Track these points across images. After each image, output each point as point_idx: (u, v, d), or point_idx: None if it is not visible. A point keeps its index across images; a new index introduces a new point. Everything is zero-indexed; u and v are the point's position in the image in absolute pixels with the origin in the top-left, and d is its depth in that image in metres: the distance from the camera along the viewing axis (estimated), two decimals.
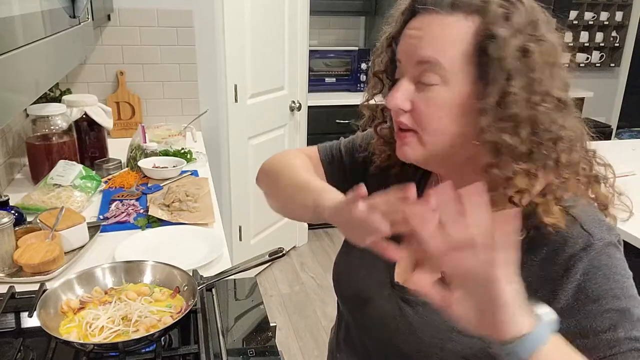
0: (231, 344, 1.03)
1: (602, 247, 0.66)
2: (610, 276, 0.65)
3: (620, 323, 0.63)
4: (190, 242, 1.45)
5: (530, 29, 0.65)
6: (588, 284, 0.65)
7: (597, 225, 0.68)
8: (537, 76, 0.64)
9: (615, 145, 2.82)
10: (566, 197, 0.69)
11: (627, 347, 0.63)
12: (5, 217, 1.25)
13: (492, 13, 0.65)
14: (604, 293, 0.64)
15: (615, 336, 0.63)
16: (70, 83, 2.39)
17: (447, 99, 0.67)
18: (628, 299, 0.65)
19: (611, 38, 4.53)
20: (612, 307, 0.64)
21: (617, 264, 0.67)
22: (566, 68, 0.69)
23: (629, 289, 0.66)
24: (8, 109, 0.69)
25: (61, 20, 1.03)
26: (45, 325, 0.92)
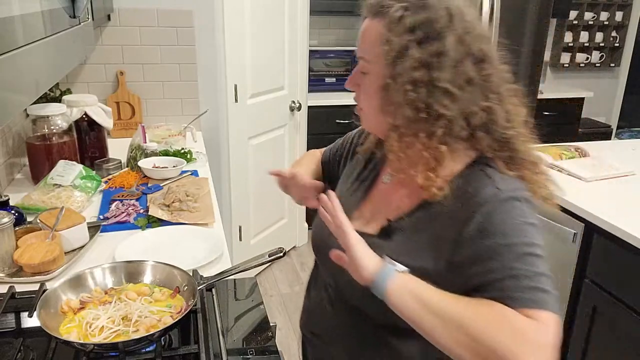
0: (231, 344, 1.03)
1: (506, 198, 0.80)
2: (507, 220, 0.78)
3: (504, 254, 0.76)
4: (190, 242, 1.45)
5: (423, 29, 0.80)
6: (486, 225, 0.79)
7: (506, 184, 0.82)
8: (413, 68, 0.80)
9: (615, 145, 2.82)
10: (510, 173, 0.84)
11: (504, 274, 0.75)
12: (6, 217, 1.25)
13: (390, 16, 0.82)
14: (497, 232, 0.78)
15: (494, 265, 0.76)
16: (71, 83, 2.39)
17: (370, 85, 0.87)
18: (518, 238, 0.77)
19: (611, 38, 4.53)
20: (502, 242, 0.77)
21: (517, 212, 0.79)
22: (461, 60, 0.81)
23: (525, 233, 0.78)
24: (8, 109, 0.70)
25: (61, 20, 1.03)
26: (45, 325, 0.92)
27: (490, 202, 0.80)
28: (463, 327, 0.72)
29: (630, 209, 1.75)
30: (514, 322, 0.72)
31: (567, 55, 4.50)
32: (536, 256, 0.77)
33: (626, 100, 4.80)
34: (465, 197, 0.82)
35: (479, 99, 0.83)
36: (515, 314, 0.73)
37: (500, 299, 0.74)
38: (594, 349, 1.79)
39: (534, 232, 0.79)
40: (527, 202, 0.82)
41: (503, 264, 0.76)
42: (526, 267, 0.75)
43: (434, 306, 0.75)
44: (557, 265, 1.92)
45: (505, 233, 0.77)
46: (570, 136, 3.90)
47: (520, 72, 3.51)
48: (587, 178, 1.99)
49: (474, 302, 0.76)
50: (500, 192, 0.80)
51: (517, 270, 0.75)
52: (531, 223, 0.80)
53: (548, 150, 2.25)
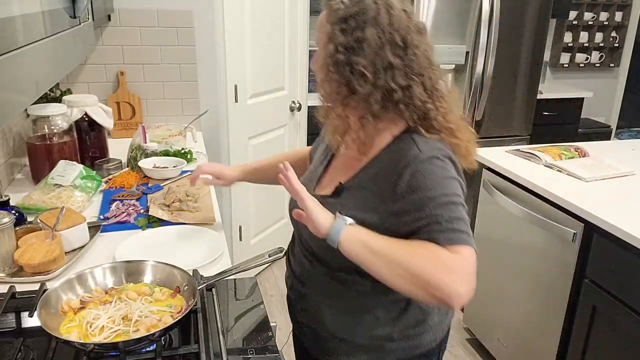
0: (231, 343, 1.03)
1: (428, 157, 0.97)
2: (427, 176, 0.95)
3: (428, 204, 0.93)
4: (190, 242, 1.45)
5: (352, 20, 0.97)
6: (412, 182, 0.95)
7: (427, 146, 0.99)
8: (337, 51, 0.98)
9: (615, 145, 2.82)
10: (429, 137, 1.01)
11: (429, 220, 0.92)
12: (6, 217, 1.26)
13: (330, 8, 1.00)
14: (421, 187, 0.94)
15: (421, 214, 0.93)
16: (71, 83, 2.39)
17: (317, 64, 1.04)
18: (439, 190, 0.94)
19: (611, 38, 4.53)
20: (425, 195, 0.93)
21: (436, 169, 0.96)
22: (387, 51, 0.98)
23: (444, 185, 0.95)
24: (8, 109, 0.70)
25: (61, 20, 1.03)
26: (45, 325, 0.92)
27: (414, 162, 0.96)
28: (403, 265, 0.90)
29: (630, 209, 1.76)
30: (441, 256, 0.89)
31: (566, 55, 4.50)
32: (454, 204, 0.94)
33: (626, 100, 4.80)
34: (395, 160, 0.99)
35: (401, 80, 0.98)
36: (442, 250, 0.90)
37: (430, 240, 0.91)
38: (594, 349, 1.79)
39: (453, 184, 0.96)
40: (447, 158, 0.99)
41: (428, 213, 0.93)
42: (447, 214, 0.92)
43: (378, 251, 0.92)
44: (557, 265, 1.92)
45: (428, 187, 0.94)
46: (570, 136, 3.90)
47: (520, 72, 3.52)
48: (587, 178, 1.99)
49: (410, 243, 0.93)
50: (422, 153, 0.97)
51: (440, 217, 0.92)
52: (450, 176, 0.97)
53: (548, 150, 2.25)
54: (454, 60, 3.35)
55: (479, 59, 3.33)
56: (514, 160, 2.23)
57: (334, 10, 0.99)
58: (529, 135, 3.68)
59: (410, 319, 1.09)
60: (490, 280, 2.35)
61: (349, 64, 0.98)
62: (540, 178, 2.01)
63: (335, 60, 0.98)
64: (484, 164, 2.31)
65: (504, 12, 3.27)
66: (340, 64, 0.98)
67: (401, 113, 1.01)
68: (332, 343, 1.15)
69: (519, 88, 3.55)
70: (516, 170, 2.09)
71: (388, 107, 1.00)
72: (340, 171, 1.11)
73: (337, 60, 0.98)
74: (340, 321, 1.13)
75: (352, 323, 1.11)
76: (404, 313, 1.09)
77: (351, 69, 0.98)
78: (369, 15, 0.97)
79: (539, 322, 2.03)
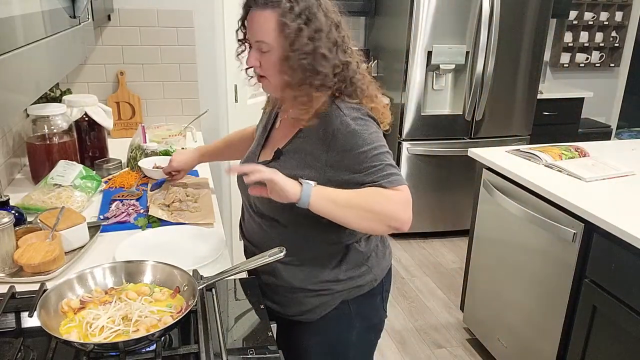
0: (231, 344, 1.03)
1: (352, 119, 1.16)
2: (356, 135, 1.15)
3: (364, 159, 1.14)
4: (190, 242, 1.45)
5: (305, 14, 1.11)
6: (345, 142, 1.15)
7: (350, 110, 1.18)
8: (305, 42, 1.12)
9: (615, 145, 2.82)
10: (352, 103, 1.19)
11: (368, 171, 1.14)
12: (6, 217, 1.26)
13: (283, 7, 1.11)
14: (354, 146, 1.14)
15: (361, 167, 1.14)
16: (71, 83, 2.39)
17: (273, 59, 1.16)
18: (368, 145, 1.14)
19: (611, 38, 4.53)
20: (360, 151, 1.14)
21: (361, 127, 1.16)
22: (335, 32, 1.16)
23: (371, 140, 1.15)
24: (8, 109, 0.70)
25: (61, 20, 1.03)
26: (45, 325, 0.92)
27: (342, 125, 1.15)
28: (362, 207, 1.13)
29: (630, 209, 1.76)
30: (388, 195, 1.13)
31: (567, 55, 4.50)
32: (383, 153, 1.15)
33: (626, 100, 4.80)
34: (325, 123, 1.17)
35: (342, 56, 1.17)
36: (388, 190, 1.13)
37: (375, 186, 1.13)
38: (594, 349, 1.79)
39: (378, 136, 1.17)
40: (367, 116, 1.19)
41: (367, 166, 1.14)
42: (379, 163, 1.14)
43: (341, 202, 1.12)
44: (557, 265, 1.92)
45: (359, 145, 1.14)
46: (570, 136, 3.90)
47: (520, 72, 3.52)
48: (587, 178, 1.99)
49: (364, 191, 1.13)
50: (347, 117, 1.16)
51: (375, 167, 1.14)
52: (374, 131, 1.17)
53: (548, 150, 2.25)
54: (454, 60, 3.35)
55: (479, 59, 3.33)
56: (514, 160, 2.23)
57: (288, 8, 1.11)
58: (529, 135, 3.68)
59: (351, 262, 1.29)
60: (490, 280, 2.35)
61: (313, 51, 1.12)
62: (540, 178, 2.01)
63: (304, 51, 1.12)
64: (484, 164, 2.31)
65: (504, 12, 3.27)
66: (308, 54, 1.12)
67: (337, 84, 1.18)
68: (289, 293, 1.31)
69: (519, 88, 3.55)
70: (516, 170, 2.09)
71: (333, 80, 1.17)
72: (277, 139, 1.30)
73: (305, 51, 1.12)
74: (293, 272, 1.29)
75: (303, 272, 1.29)
76: (345, 257, 1.28)
77: (314, 54, 1.12)
78: (315, 5, 1.13)
79: (539, 322, 2.03)
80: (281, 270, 1.30)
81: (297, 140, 1.23)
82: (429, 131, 3.48)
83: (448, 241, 3.69)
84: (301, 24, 1.12)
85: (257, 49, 1.18)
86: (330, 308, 1.31)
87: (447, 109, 3.55)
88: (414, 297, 3.01)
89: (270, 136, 1.36)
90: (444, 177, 3.60)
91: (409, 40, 3.28)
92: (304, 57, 1.13)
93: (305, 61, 1.13)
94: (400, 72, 3.40)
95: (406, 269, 3.30)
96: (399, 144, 3.48)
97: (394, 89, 3.51)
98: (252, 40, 1.18)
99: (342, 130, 1.15)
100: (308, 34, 1.12)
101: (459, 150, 3.47)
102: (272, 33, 1.14)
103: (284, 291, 1.32)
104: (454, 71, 3.45)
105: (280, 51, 1.15)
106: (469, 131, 3.55)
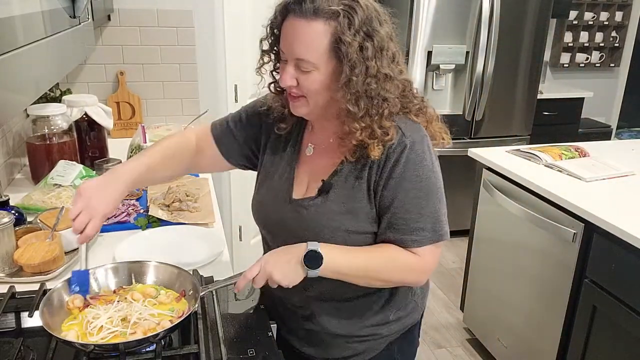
0: (231, 344, 1.03)
1: (413, 144, 1.00)
2: (411, 167, 1.00)
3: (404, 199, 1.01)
4: (190, 242, 1.45)
5: (366, 27, 0.93)
6: (402, 169, 1.00)
7: (411, 130, 1.02)
8: (371, 64, 0.94)
9: (615, 145, 2.82)
10: (398, 119, 1.02)
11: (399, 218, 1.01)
12: (6, 217, 1.25)
13: (341, 21, 0.91)
14: (412, 176, 1.00)
15: (395, 210, 1.01)
16: (71, 83, 2.39)
17: (319, 78, 0.97)
18: (424, 189, 1.01)
19: (611, 38, 4.53)
20: (413, 192, 1.01)
21: (419, 158, 1.01)
22: (389, 42, 0.98)
23: (428, 182, 1.02)
24: (8, 109, 0.70)
25: (61, 20, 1.03)
26: (47, 324, 0.92)
27: (401, 146, 1.00)
28: (372, 277, 1.03)
29: (630, 209, 1.75)
30: (408, 263, 1.03)
31: (567, 55, 4.50)
32: (427, 198, 1.02)
33: (626, 100, 4.80)
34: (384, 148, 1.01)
35: (400, 74, 1.01)
36: (404, 254, 1.02)
37: (394, 242, 1.02)
38: (594, 349, 1.79)
39: (434, 173, 1.03)
40: (426, 139, 1.04)
41: (405, 217, 1.01)
42: (415, 210, 1.01)
43: (349, 273, 1.02)
44: (557, 265, 1.92)
45: (415, 182, 1.00)
46: (570, 136, 3.90)
47: (520, 72, 3.52)
48: (587, 178, 1.99)
49: (378, 255, 1.03)
50: (407, 139, 1.00)
51: (408, 214, 1.01)
52: (431, 162, 1.02)
53: (548, 150, 2.25)
54: (454, 60, 3.35)
55: (479, 59, 3.33)
56: (514, 160, 2.23)
57: (346, 20, 0.91)
58: (529, 135, 3.68)
59: (399, 299, 1.16)
60: (490, 280, 2.35)
61: (379, 72, 0.95)
62: (540, 178, 2.01)
63: (368, 74, 0.94)
64: (484, 164, 2.31)
65: (504, 12, 3.27)
66: (372, 77, 0.95)
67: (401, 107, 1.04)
68: (330, 338, 1.16)
69: (519, 88, 3.55)
70: (516, 170, 2.09)
71: (398, 105, 1.02)
72: (316, 170, 1.09)
73: (370, 74, 0.94)
74: (336, 318, 1.14)
75: (348, 317, 1.13)
76: (393, 295, 1.15)
77: (378, 77, 0.96)
78: (374, 16, 0.94)
79: (539, 322, 2.03)
80: (321, 315, 1.14)
81: (344, 170, 1.04)
82: None
83: (448, 241, 3.65)
84: (363, 40, 0.92)
85: (295, 65, 0.97)
86: (376, 352, 1.17)
87: (447, 109, 3.55)
88: None
89: (299, 163, 1.13)
90: (444, 177, 3.55)
91: (409, 40, 3.28)
92: (370, 81, 0.94)
93: (372, 87, 0.95)
94: None
95: None
96: None
97: None
98: (290, 56, 0.97)
99: (402, 155, 0.99)
100: (372, 53, 0.93)
101: (459, 150, 3.46)
102: (322, 51, 0.94)
103: (324, 336, 1.16)
104: (454, 71, 3.45)
105: (329, 73, 0.96)
106: (469, 131, 3.55)
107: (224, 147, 1.20)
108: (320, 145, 1.11)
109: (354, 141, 0.99)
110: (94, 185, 1.04)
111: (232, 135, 1.20)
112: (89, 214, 1.01)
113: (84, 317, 0.98)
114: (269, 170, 1.16)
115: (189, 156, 1.20)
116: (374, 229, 1.05)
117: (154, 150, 1.17)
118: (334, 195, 1.04)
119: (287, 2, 0.96)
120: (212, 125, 1.22)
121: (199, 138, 1.22)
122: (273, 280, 0.98)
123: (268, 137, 1.17)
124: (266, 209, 1.15)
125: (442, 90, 3.52)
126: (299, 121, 1.13)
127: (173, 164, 1.19)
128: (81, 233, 1.01)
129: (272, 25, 1.01)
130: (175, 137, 1.23)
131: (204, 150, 1.21)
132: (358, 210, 1.03)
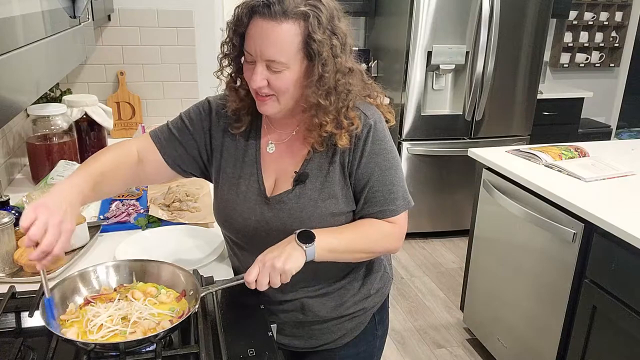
0: (231, 344, 1.03)
1: (375, 123, 1.07)
2: (381, 141, 1.08)
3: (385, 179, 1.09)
4: (191, 242, 1.45)
5: (330, 25, 0.97)
6: (371, 147, 1.07)
7: (370, 111, 1.09)
8: (338, 60, 0.99)
9: (614, 145, 2.82)
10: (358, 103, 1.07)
11: (374, 193, 1.09)
12: (6, 217, 1.26)
13: (311, 21, 0.95)
14: (381, 150, 1.08)
15: (372, 184, 1.09)
16: (71, 83, 2.39)
17: (291, 77, 1.00)
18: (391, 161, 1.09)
19: (611, 38, 4.53)
20: (384, 166, 1.08)
21: (380, 135, 1.08)
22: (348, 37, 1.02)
23: (393, 154, 1.11)
24: (8, 109, 0.70)
25: (61, 20, 1.03)
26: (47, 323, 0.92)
27: (366, 127, 1.06)
28: (359, 249, 1.10)
29: (630, 209, 1.76)
30: (387, 232, 1.11)
31: (566, 55, 4.50)
32: (394, 168, 1.10)
33: (626, 100, 4.80)
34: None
35: (356, 64, 1.05)
36: (383, 224, 1.11)
37: (373, 215, 1.10)
38: (594, 349, 1.79)
39: (393, 148, 1.11)
40: (384, 121, 1.11)
41: (380, 191, 1.09)
42: (388, 181, 1.09)
43: (340, 249, 1.06)
44: (557, 265, 1.92)
45: (384, 156, 1.08)
46: (570, 136, 3.90)
47: (520, 72, 3.52)
48: (587, 178, 1.99)
49: (358, 227, 1.10)
50: (370, 119, 1.07)
51: (384, 186, 1.09)
52: (389, 139, 1.10)
53: (548, 150, 2.25)
54: (454, 60, 3.35)
55: (479, 59, 3.33)
56: (514, 160, 2.23)
57: (315, 20, 0.95)
58: (529, 135, 3.68)
59: (374, 271, 1.24)
60: (490, 280, 2.35)
61: (344, 67, 1.01)
62: (540, 178, 2.01)
63: (337, 70, 0.99)
64: (484, 164, 2.31)
65: (504, 12, 3.27)
66: (340, 72, 1.00)
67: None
68: (317, 325, 1.21)
69: (519, 88, 3.55)
70: (516, 170, 2.09)
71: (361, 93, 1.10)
72: (283, 164, 1.12)
73: (339, 69, 1.00)
74: (323, 302, 1.19)
75: (334, 299, 1.20)
76: (370, 268, 1.23)
77: (344, 71, 1.01)
78: (334, 11, 0.99)
79: (539, 322, 2.03)
80: (311, 305, 1.19)
81: (316, 157, 1.09)
82: (429, 131, 3.48)
83: (448, 241, 3.69)
84: (330, 38, 0.97)
85: (265, 65, 0.98)
86: (363, 327, 1.25)
87: (447, 109, 3.55)
88: (413, 297, 3.01)
89: (263, 160, 1.13)
90: (444, 177, 3.60)
91: (408, 41, 3.27)
92: (339, 77, 1.00)
93: (340, 81, 1.00)
94: (400, 72, 3.40)
95: (406, 269, 3.30)
96: (399, 144, 3.48)
97: (394, 89, 3.51)
98: (260, 58, 0.98)
99: (369, 134, 1.07)
100: (339, 49, 0.98)
101: (459, 150, 3.47)
102: (293, 51, 0.96)
103: (312, 324, 1.21)
104: (454, 71, 3.45)
105: (300, 71, 0.99)
106: (469, 131, 3.55)
107: (168, 155, 1.15)
108: (281, 141, 1.13)
109: (323, 132, 1.04)
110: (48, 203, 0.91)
111: (177, 142, 1.15)
112: (57, 232, 0.88)
113: (84, 314, 0.98)
114: (232, 174, 1.14)
115: (130, 167, 1.13)
116: (353, 207, 1.12)
117: (94, 165, 1.07)
118: (310, 184, 1.09)
119: (252, 5, 0.96)
120: (153, 134, 1.17)
121: (140, 147, 1.15)
122: (276, 269, 0.97)
123: (221, 141, 1.15)
124: (240, 214, 1.13)
125: (442, 90, 3.52)
126: (253, 119, 1.14)
127: (117, 176, 1.10)
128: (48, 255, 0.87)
129: (235, 27, 1.01)
130: (113, 149, 1.15)
131: (146, 160, 1.14)
132: (337, 193, 1.09)
